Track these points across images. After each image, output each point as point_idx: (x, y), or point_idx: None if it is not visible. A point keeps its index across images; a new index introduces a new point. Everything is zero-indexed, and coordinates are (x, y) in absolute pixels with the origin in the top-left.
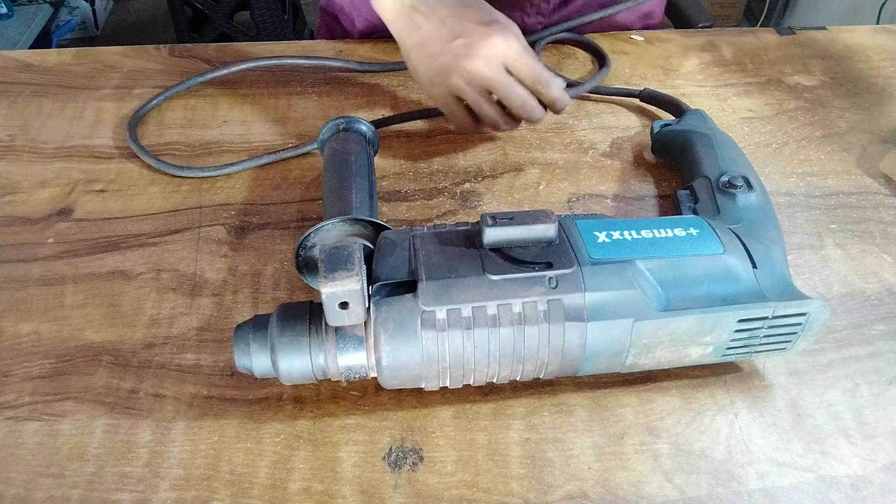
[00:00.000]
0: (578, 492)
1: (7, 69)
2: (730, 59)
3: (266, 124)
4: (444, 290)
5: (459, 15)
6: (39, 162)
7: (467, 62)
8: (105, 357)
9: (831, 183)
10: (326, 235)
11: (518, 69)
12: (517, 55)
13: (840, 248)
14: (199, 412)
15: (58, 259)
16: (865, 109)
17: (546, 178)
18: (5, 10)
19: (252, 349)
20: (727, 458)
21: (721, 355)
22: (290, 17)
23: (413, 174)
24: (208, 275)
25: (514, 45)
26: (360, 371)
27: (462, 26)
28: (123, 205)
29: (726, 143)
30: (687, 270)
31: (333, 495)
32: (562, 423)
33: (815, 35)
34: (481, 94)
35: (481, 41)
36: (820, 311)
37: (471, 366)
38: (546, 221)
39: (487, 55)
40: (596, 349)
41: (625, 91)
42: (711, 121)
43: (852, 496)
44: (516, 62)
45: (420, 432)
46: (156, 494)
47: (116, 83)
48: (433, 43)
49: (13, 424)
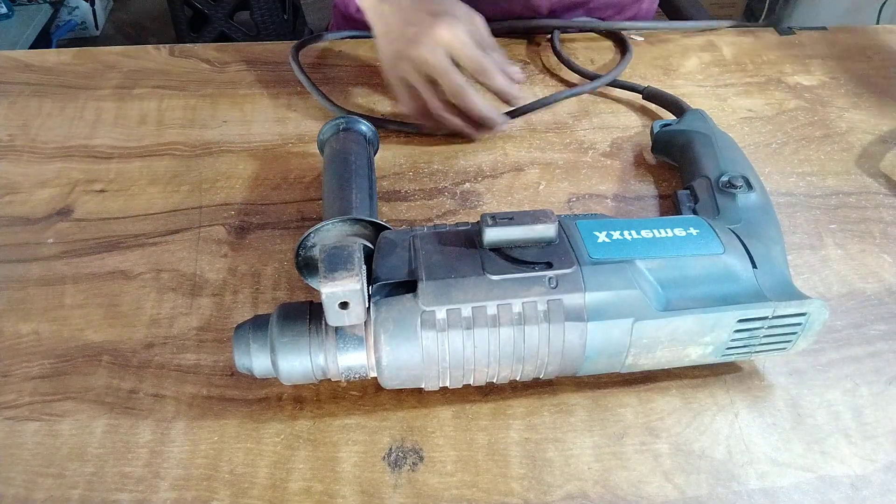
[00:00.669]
0: (578, 492)
1: (7, 69)
2: (730, 59)
3: (266, 124)
4: (443, 290)
5: (418, 5)
6: (39, 162)
7: (414, 48)
8: (105, 357)
9: (831, 183)
10: (326, 235)
11: (460, 58)
12: (461, 45)
13: (840, 247)
14: (199, 412)
15: (58, 259)
16: (865, 109)
17: (546, 178)
18: (5, 10)
19: (252, 349)
20: (727, 458)
21: (721, 355)
22: (290, 16)
23: (413, 174)
24: (208, 275)
25: (459, 35)
26: (360, 371)
27: (417, 16)
28: (123, 205)
29: (726, 143)
30: (687, 270)
31: (333, 495)
32: (562, 423)
33: (815, 35)
34: (426, 80)
35: (428, 29)
36: (820, 311)
37: (471, 366)
38: (546, 221)
39: (431, 43)
40: (596, 349)
41: (629, 85)
42: (711, 121)
43: (852, 496)
44: (459, 51)
45: (420, 432)
46: (156, 494)
47: (116, 83)
48: (393, 30)
49: (13, 424)
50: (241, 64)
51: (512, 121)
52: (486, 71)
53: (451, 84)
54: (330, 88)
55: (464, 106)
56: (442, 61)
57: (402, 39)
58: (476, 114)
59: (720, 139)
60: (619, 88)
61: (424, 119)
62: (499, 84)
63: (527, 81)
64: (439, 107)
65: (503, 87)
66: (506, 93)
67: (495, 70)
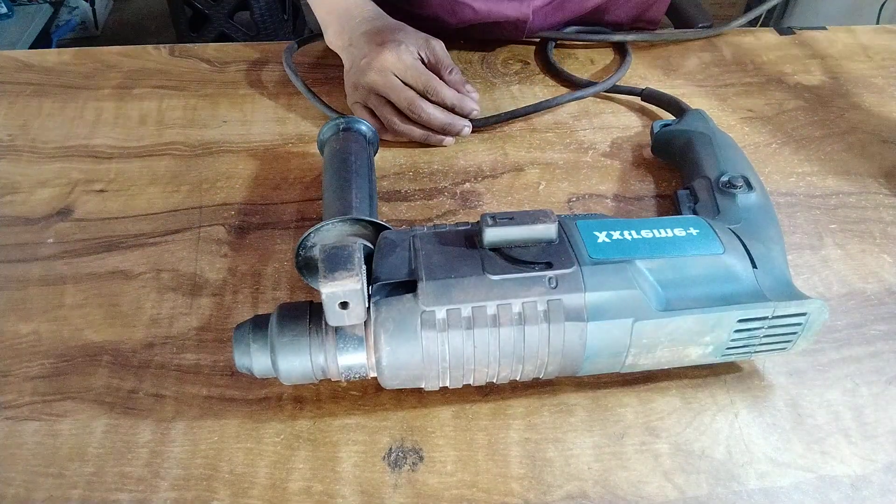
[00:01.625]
0: (578, 492)
1: (7, 69)
2: (730, 59)
3: (266, 124)
4: (444, 290)
5: (370, 40)
6: (39, 162)
7: (365, 75)
8: (105, 357)
9: (831, 183)
10: (326, 235)
11: (406, 78)
12: (404, 67)
13: (840, 247)
14: (199, 412)
15: (58, 259)
16: (865, 109)
17: (546, 178)
18: (5, 10)
19: (252, 349)
20: (727, 458)
21: (721, 355)
22: (290, 17)
23: (413, 174)
24: (208, 275)
25: (403, 58)
26: (360, 371)
27: (368, 47)
28: (123, 205)
29: (726, 143)
30: (687, 270)
31: (333, 495)
32: (562, 423)
33: (815, 35)
34: (379, 101)
35: (376, 56)
36: (820, 311)
37: (471, 366)
38: (546, 221)
39: (379, 67)
40: (596, 349)
41: (626, 89)
42: (711, 121)
43: (852, 496)
44: (403, 73)
45: (420, 432)
46: (156, 494)
47: (116, 83)
48: (352, 65)
49: (13, 424)
50: (241, 64)
51: (467, 125)
52: (432, 87)
53: (400, 99)
54: (329, 88)
55: (417, 117)
56: (389, 81)
57: (357, 70)
58: (431, 122)
59: (720, 139)
60: (618, 93)
61: (389, 135)
62: (447, 98)
63: (527, 82)
64: (394, 121)
65: (453, 100)
66: (456, 106)
67: (440, 85)
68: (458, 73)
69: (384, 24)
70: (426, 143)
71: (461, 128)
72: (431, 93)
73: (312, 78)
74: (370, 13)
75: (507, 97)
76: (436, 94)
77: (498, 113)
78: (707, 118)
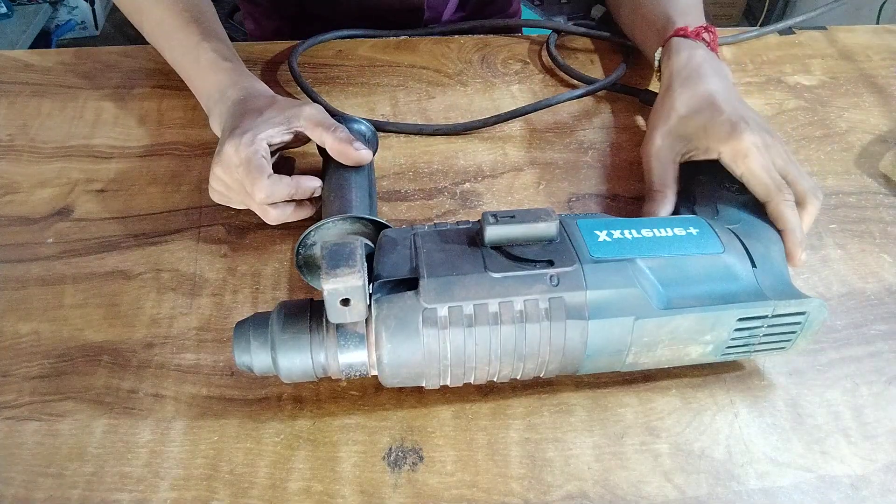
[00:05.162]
0: (578, 492)
1: (7, 69)
2: (730, 59)
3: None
4: (445, 288)
5: (228, 125)
6: (39, 162)
7: (213, 168)
8: (105, 357)
9: (831, 183)
10: (326, 234)
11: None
12: (233, 167)
13: (840, 247)
14: (199, 412)
15: (58, 259)
16: (865, 109)
17: (546, 178)
18: (5, 10)
19: (252, 346)
20: (727, 458)
21: (721, 354)
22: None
23: (413, 174)
24: (208, 274)
25: (229, 154)
26: (361, 369)
27: (222, 135)
28: (123, 205)
29: None
30: (687, 269)
31: (333, 495)
32: (562, 423)
33: (815, 35)
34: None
35: (219, 150)
36: (819, 310)
37: (472, 363)
38: (547, 220)
39: (221, 162)
40: (597, 347)
41: (626, 89)
42: None
43: (852, 496)
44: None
45: (420, 432)
46: (156, 494)
47: (116, 83)
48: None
49: (13, 424)
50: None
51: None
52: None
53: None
54: (330, 88)
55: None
56: (226, 175)
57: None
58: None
59: None
60: (618, 92)
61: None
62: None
63: (527, 82)
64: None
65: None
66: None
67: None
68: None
69: (244, 108)
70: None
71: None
72: (248, 182)
73: (313, 78)
74: (235, 93)
75: (507, 97)
76: (251, 185)
77: (498, 113)
78: None
